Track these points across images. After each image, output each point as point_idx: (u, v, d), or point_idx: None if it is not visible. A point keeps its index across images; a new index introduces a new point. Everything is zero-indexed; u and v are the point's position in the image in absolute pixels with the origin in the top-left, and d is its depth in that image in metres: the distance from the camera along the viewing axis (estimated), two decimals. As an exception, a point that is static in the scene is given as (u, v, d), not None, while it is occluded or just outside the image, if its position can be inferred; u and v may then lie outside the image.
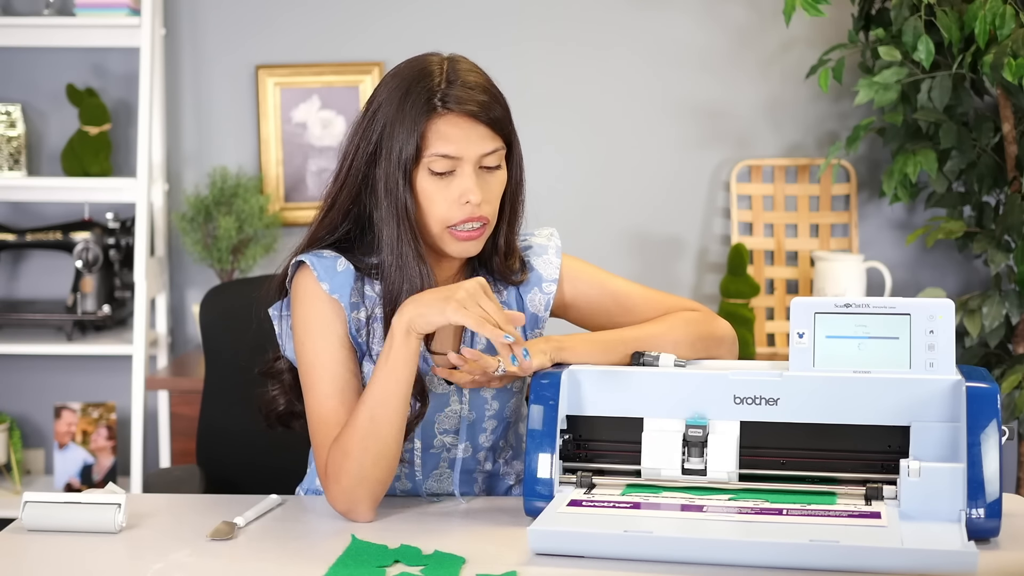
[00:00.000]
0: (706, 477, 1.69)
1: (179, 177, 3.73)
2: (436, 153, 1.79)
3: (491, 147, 1.81)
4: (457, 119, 1.79)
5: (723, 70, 3.66)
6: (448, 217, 1.81)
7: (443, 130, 1.79)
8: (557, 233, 2.01)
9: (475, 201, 1.79)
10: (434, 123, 1.79)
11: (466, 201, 1.79)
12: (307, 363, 1.84)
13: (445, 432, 1.90)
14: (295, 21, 3.68)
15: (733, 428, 1.71)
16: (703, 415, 1.72)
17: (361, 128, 1.85)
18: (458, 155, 1.79)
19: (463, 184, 1.80)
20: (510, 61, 3.63)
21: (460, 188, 1.80)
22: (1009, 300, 3.21)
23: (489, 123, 1.81)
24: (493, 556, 1.58)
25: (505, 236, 1.90)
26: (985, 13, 2.99)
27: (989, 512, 1.57)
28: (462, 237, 1.82)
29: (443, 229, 1.82)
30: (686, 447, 1.70)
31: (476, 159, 1.80)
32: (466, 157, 1.80)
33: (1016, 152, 3.25)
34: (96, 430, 3.63)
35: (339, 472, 1.76)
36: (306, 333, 1.84)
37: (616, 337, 1.88)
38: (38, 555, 1.62)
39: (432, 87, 1.80)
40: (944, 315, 1.69)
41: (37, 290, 3.77)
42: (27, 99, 3.70)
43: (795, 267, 3.65)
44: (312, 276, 1.85)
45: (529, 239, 1.98)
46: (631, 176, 3.69)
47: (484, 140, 1.81)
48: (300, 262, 1.87)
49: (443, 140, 1.79)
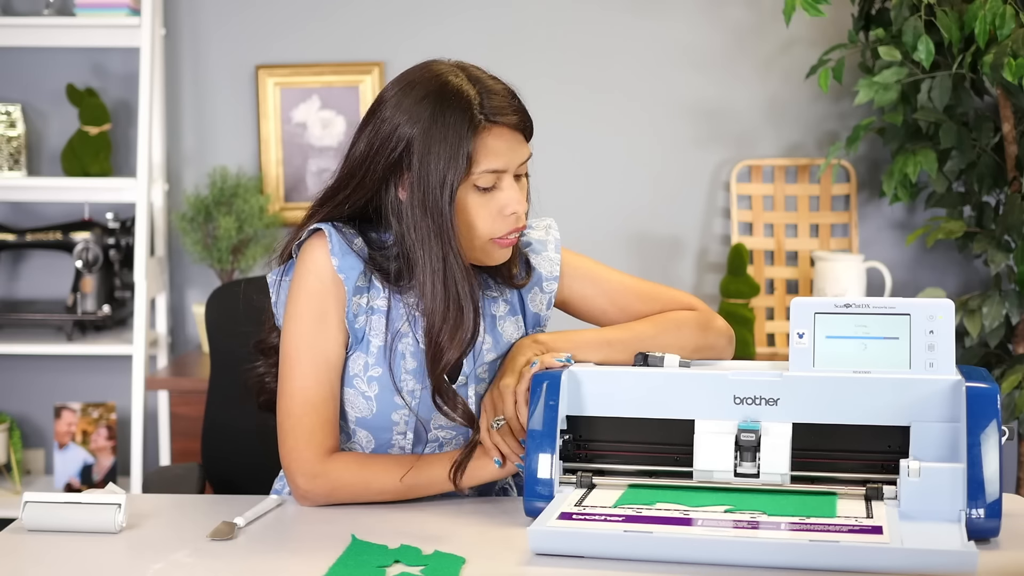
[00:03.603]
0: (759, 480, 1.69)
1: (179, 177, 3.73)
2: (486, 170, 1.77)
3: (527, 154, 1.81)
4: (502, 131, 1.77)
5: (723, 70, 3.66)
6: (493, 230, 1.79)
7: (491, 144, 1.77)
8: (555, 224, 2.00)
9: (521, 212, 1.79)
10: (481, 139, 1.76)
11: (511, 212, 1.78)
12: (293, 335, 1.82)
13: (441, 427, 1.90)
14: (295, 21, 3.68)
15: (786, 430, 1.70)
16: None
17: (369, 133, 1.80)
18: (505, 168, 1.78)
19: (508, 196, 1.78)
20: (511, 61, 3.63)
21: (504, 200, 1.78)
22: (1009, 300, 3.21)
23: (525, 130, 1.80)
24: (493, 556, 1.58)
25: None
26: (985, 13, 2.99)
27: (989, 512, 1.57)
28: (504, 244, 1.81)
29: (487, 241, 1.80)
30: (738, 451, 1.70)
31: (516, 169, 1.80)
32: (510, 169, 1.79)
33: (1016, 152, 3.25)
34: (96, 430, 3.63)
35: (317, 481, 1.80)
36: (301, 304, 1.82)
37: (602, 337, 1.88)
38: (38, 555, 1.62)
39: (467, 101, 1.75)
40: (944, 315, 1.69)
41: (37, 290, 3.77)
42: (27, 99, 3.71)
43: (795, 267, 3.65)
44: (325, 248, 1.81)
45: (528, 233, 1.97)
46: (631, 176, 3.69)
47: (523, 148, 1.81)
48: (318, 228, 1.84)
49: (493, 155, 1.77)
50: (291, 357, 1.82)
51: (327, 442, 1.82)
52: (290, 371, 1.82)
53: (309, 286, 1.82)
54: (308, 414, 1.81)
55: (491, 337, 1.90)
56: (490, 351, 1.90)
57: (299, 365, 1.82)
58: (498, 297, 1.91)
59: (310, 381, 1.81)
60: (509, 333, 1.91)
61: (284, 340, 1.84)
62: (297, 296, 1.83)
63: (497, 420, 1.78)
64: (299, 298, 1.83)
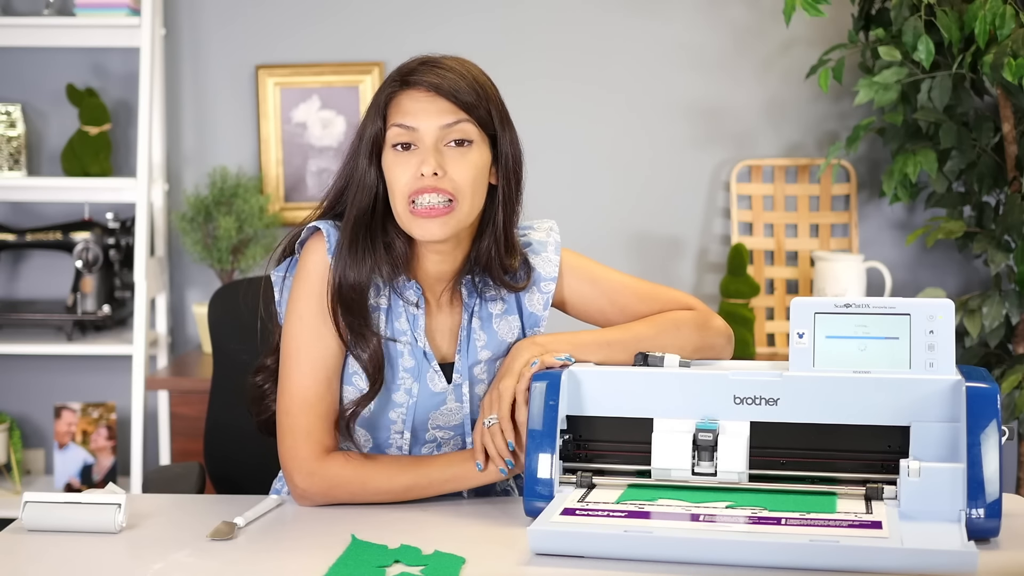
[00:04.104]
0: (716, 478, 1.69)
1: (179, 177, 3.73)
2: (395, 124, 1.80)
3: (451, 119, 1.79)
4: (416, 93, 1.80)
5: (723, 70, 3.66)
6: (408, 189, 1.79)
7: (403, 104, 1.81)
8: (557, 227, 1.99)
9: (428, 171, 1.77)
10: (396, 99, 1.81)
11: (420, 172, 1.78)
12: (294, 334, 1.83)
13: (438, 427, 1.90)
14: (295, 21, 3.68)
15: (743, 430, 1.70)
16: (712, 418, 1.72)
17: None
18: (415, 125, 1.79)
19: (420, 156, 1.79)
20: (511, 61, 3.63)
21: (418, 159, 1.79)
22: (1009, 300, 3.21)
23: (452, 98, 1.79)
24: (493, 556, 1.58)
25: (503, 229, 1.86)
26: (985, 13, 2.99)
27: (989, 512, 1.57)
28: (422, 214, 1.78)
29: (406, 207, 1.79)
30: (696, 450, 1.70)
31: (436, 132, 1.79)
32: (423, 129, 1.79)
33: (1016, 152, 3.25)
34: (96, 430, 3.63)
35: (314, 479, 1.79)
36: (302, 303, 1.83)
37: (601, 338, 1.88)
38: (38, 555, 1.62)
39: (401, 69, 1.83)
40: (944, 315, 1.69)
41: (37, 290, 3.77)
42: (27, 99, 3.70)
43: (795, 267, 3.65)
44: (323, 247, 1.83)
45: (529, 234, 1.96)
46: (631, 176, 3.69)
47: (444, 113, 1.79)
48: (316, 228, 1.85)
49: (401, 113, 1.80)
50: (291, 356, 1.83)
51: (325, 440, 1.82)
52: (290, 370, 1.83)
53: (310, 285, 1.83)
54: (306, 413, 1.82)
55: (485, 334, 1.90)
56: (484, 348, 1.90)
57: (299, 364, 1.82)
58: (496, 297, 1.92)
59: (309, 380, 1.82)
60: (503, 332, 1.92)
61: (285, 339, 1.84)
62: (298, 295, 1.84)
63: (490, 419, 1.78)
64: (300, 297, 1.83)
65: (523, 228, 1.96)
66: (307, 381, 1.82)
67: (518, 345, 1.85)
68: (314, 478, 1.80)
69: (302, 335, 1.82)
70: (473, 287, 1.90)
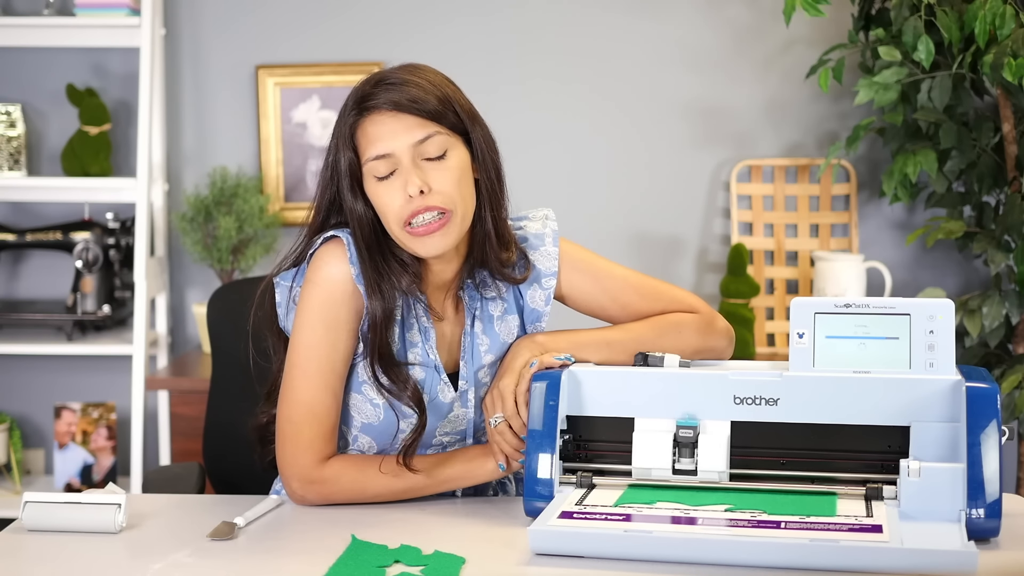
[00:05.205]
0: (696, 477, 1.69)
1: (179, 177, 3.73)
2: (370, 158, 1.76)
3: (422, 134, 1.76)
4: (378, 116, 1.77)
5: (723, 70, 3.66)
6: (400, 215, 1.76)
7: (369, 131, 1.77)
8: (553, 214, 1.96)
9: (414, 191, 1.74)
10: (361, 128, 1.78)
11: (409, 195, 1.75)
12: (303, 344, 1.80)
13: (445, 433, 1.90)
14: (295, 21, 3.68)
15: (724, 428, 1.71)
16: (696, 415, 1.72)
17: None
18: (389, 151, 1.76)
19: (402, 177, 1.76)
20: (510, 61, 3.63)
21: (401, 181, 1.76)
22: (1009, 300, 3.21)
23: (415, 111, 1.76)
24: (493, 556, 1.58)
25: (492, 222, 1.83)
26: (985, 13, 2.99)
27: (989, 512, 1.57)
28: (421, 232, 1.76)
29: (402, 231, 1.77)
30: (676, 448, 1.70)
31: (410, 151, 1.76)
32: (397, 151, 1.76)
33: (1016, 152, 3.25)
34: (96, 430, 3.63)
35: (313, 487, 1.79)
36: (314, 312, 1.80)
37: (602, 338, 1.87)
38: (38, 555, 1.62)
39: (356, 94, 1.79)
40: (944, 315, 1.69)
41: (37, 290, 3.77)
42: (27, 99, 3.71)
43: (795, 267, 3.65)
44: (343, 255, 1.80)
45: (525, 225, 1.93)
46: (631, 176, 3.69)
47: (413, 129, 1.76)
48: (335, 236, 1.82)
49: (372, 142, 1.77)
50: (298, 366, 1.81)
51: (326, 450, 1.82)
52: (297, 379, 1.81)
53: (323, 294, 1.80)
54: (310, 424, 1.81)
55: (487, 337, 1.90)
56: (487, 352, 1.90)
57: (306, 375, 1.80)
58: (496, 296, 1.90)
59: (315, 391, 1.80)
60: (504, 334, 1.91)
61: (293, 347, 1.82)
62: (310, 304, 1.81)
63: (496, 417, 1.77)
64: (312, 306, 1.80)
65: (518, 220, 1.94)
66: (315, 392, 1.80)
67: (517, 343, 1.85)
68: (313, 486, 1.80)
69: (312, 345, 1.80)
70: (474, 288, 1.89)
